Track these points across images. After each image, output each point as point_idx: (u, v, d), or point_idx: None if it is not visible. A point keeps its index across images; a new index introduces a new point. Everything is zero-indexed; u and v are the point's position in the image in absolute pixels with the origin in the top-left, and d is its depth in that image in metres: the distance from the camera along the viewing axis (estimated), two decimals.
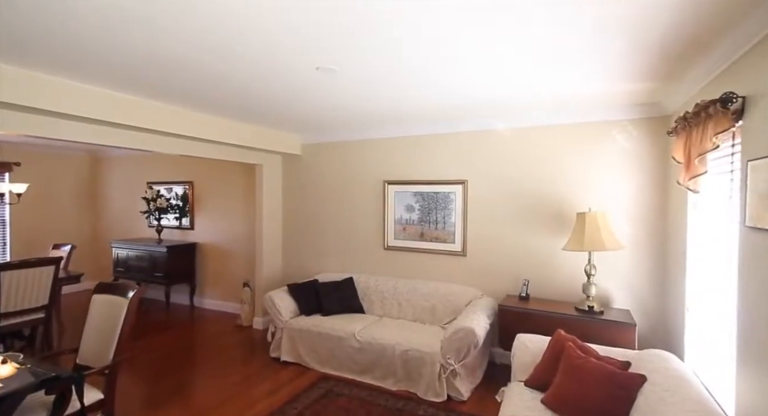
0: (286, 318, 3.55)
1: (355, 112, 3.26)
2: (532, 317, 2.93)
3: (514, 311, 3.01)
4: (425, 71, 2.24)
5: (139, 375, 3.30)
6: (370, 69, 2.21)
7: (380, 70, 2.23)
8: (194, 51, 1.98)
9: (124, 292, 2.32)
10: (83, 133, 2.81)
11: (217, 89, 2.62)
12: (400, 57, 2.03)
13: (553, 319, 2.83)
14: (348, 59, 2.07)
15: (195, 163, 5.38)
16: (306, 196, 4.51)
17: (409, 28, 1.72)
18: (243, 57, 2.04)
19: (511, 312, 3.01)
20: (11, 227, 5.37)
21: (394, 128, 3.88)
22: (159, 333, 4.27)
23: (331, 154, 4.35)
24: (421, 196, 3.88)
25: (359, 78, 2.36)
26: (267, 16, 1.61)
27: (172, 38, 1.82)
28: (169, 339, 4.10)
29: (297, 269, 4.58)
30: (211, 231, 5.28)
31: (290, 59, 2.07)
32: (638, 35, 1.77)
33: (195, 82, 2.45)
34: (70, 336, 4.12)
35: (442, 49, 1.93)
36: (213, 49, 1.94)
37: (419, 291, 3.65)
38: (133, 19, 1.63)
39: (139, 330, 4.32)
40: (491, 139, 3.55)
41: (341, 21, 1.65)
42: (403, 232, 3.98)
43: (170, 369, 3.40)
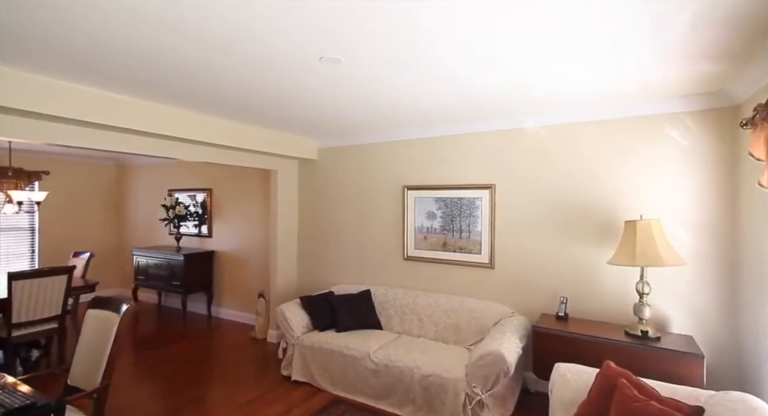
0: (297, 333, 3.31)
1: (371, 113, 3.01)
2: (573, 342, 2.53)
3: (551, 334, 2.62)
4: (447, 64, 1.96)
5: (145, 389, 3.15)
6: (383, 61, 1.95)
7: (395, 64, 1.97)
8: (205, 50, 1.83)
9: (117, 307, 2.15)
10: (105, 141, 2.80)
11: (231, 92, 2.51)
12: (427, 53, 1.76)
13: (599, 346, 2.43)
14: (357, 49, 1.82)
15: (213, 169, 5.32)
16: (322, 202, 4.30)
17: (435, 20, 1.48)
18: (252, 55, 1.86)
19: (547, 335, 2.63)
20: (40, 234, 5.49)
21: (414, 129, 3.60)
22: (172, 343, 4.15)
23: (348, 158, 4.12)
24: (443, 202, 3.56)
25: (371, 74, 2.10)
26: (275, 6, 1.45)
27: (186, 39, 1.68)
28: (181, 350, 3.96)
29: (313, 280, 4.36)
30: (229, 239, 5.17)
31: (299, 54, 1.85)
32: (715, 2, 1.41)
33: (204, 82, 2.32)
34: None
35: (466, 40, 1.64)
36: (224, 48, 1.80)
37: (442, 307, 3.32)
38: (153, 21, 1.57)
39: (153, 341, 4.22)
40: (522, 138, 3.20)
41: (346, 5, 1.41)
42: (424, 242, 3.67)
43: (178, 384, 3.23)
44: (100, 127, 2.67)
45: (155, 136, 2.99)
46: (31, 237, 5.47)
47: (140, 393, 3.11)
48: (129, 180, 6.35)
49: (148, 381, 3.31)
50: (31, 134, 2.48)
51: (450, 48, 1.83)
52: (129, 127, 2.67)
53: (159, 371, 3.49)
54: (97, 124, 2.56)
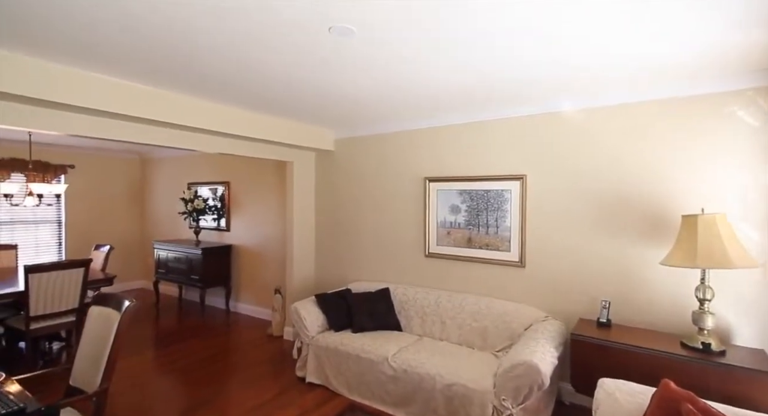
0: (312, 333, 3.14)
1: (389, 98, 2.76)
2: (619, 353, 2.22)
3: (592, 343, 2.32)
4: (469, 41, 1.69)
5: (156, 388, 3.06)
6: (399, 37, 1.70)
7: (411, 38, 1.72)
8: (222, 35, 1.64)
9: (119, 305, 2.02)
10: (125, 132, 2.77)
11: (247, 79, 2.38)
12: (466, 24, 1.50)
13: (651, 359, 2.11)
14: (372, 18, 1.58)
15: (231, 162, 5.23)
16: (339, 196, 4.10)
17: None
18: (262, 37, 1.65)
19: (588, 345, 2.32)
20: (67, 227, 5.59)
21: (437, 116, 3.33)
22: (189, 338, 4.09)
23: (366, 148, 3.89)
24: (468, 194, 3.28)
25: (391, 51, 1.86)
26: None
27: (200, 29, 1.47)
28: (196, 346, 3.88)
29: (330, 276, 4.19)
30: (246, 233, 5.08)
31: (310, 24, 1.63)
32: None
33: (221, 70, 2.20)
34: None
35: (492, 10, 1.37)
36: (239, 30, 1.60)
37: (467, 308, 3.06)
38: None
39: (170, 335, 4.18)
40: (558, 123, 2.87)
41: None
42: (447, 237, 3.40)
43: (190, 383, 3.14)
44: (119, 118, 2.62)
45: (174, 127, 2.93)
46: (59, 230, 5.58)
47: (150, 392, 3.03)
48: (152, 173, 6.39)
49: (161, 378, 3.24)
50: (52, 125, 2.46)
51: (489, 15, 1.56)
52: (148, 118, 2.62)
53: (172, 368, 3.42)
54: (117, 115, 2.51)
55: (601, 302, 2.54)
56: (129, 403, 2.83)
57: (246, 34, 1.79)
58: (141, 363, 3.52)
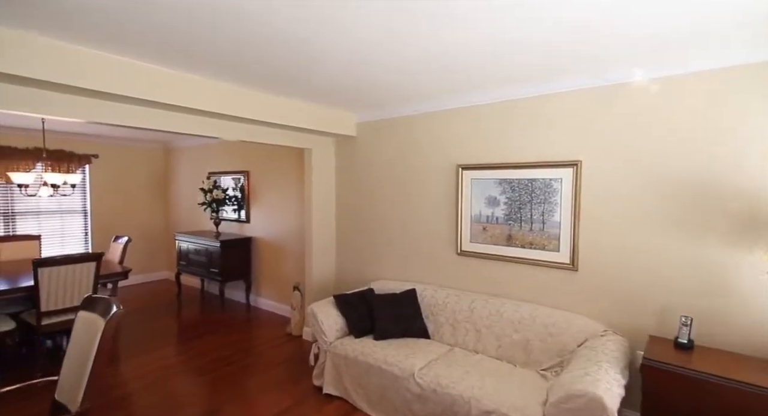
0: (330, 338, 2.83)
1: (426, 70, 2.34)
2: (713, 388, 1.74)
3: (673, 372, 1.85)
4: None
5: (164, 393, 2.87)
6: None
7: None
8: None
9: (106, 311, 1.77)
10: (144, 118, 2.60)
11: (263, 52, 2.06)
12: None
13: (757, 399, 1.63)
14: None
15: (250, 151, 4.99)
16: (362, 186, 3.74)
17: None
18: None
19: (667, 375, 1.86)
20: (92, 217, 5.58)
21: (472, 93, 2.87)
22: (205, 335, 3.91)
23: (391, 133, 3.49)
24: (509, 184, 2.83)
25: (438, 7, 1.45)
26: None
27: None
28: (212, 344, 3.69)
29: (351, 273, 3.86)
30: (266, 225, 4.85)
31: None
32: None
33: (239, 44, 1.89)
34: (126, 337, 3.97)
35: None
36: None
37: (506, 316, 2.64)
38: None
39: (187, 331, 4.02)
40: (623, 97, 2.35)
41: None
42: (482, 233, 2.97)
43: (200, 388, 2.93)
44: (140, 103, 2.44)
45: (193, 112, 2.71)
46: (85, 220, 5.58)
47: (161, 394, 2.83)
48: (175, 162, 6.29)
49: (174, 379, 3.05)
50: (75, 112, 2.32)
51: None
52: (168, 102, 2.42)
53: (188, 367, 3.23)
54: (138, 100, 2.34)
55: (681, 318, 2.04)
56: (138, 407, 2.65)
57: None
58: (157, 360, 3.36)
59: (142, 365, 3.27)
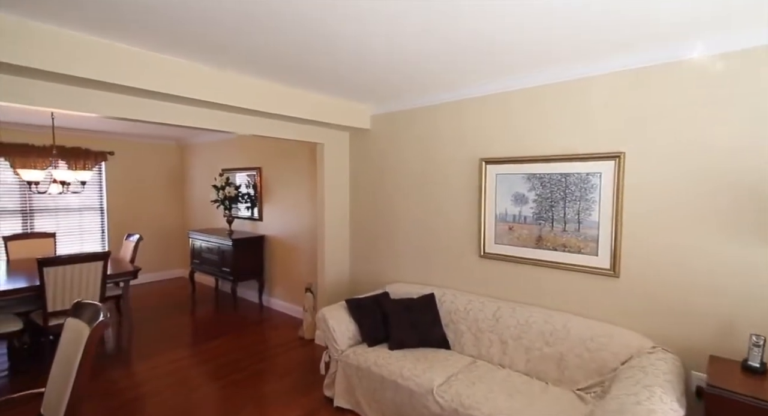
0: (342, 347, 2.63)
1: (451, 56, 2.09)
2: None
3: (744, 402, 1.54)
4: None
5: (176, 397, 2.74)
6: None
7: None
8: None
9: (92, 318, 1.62)
10: (155, 112, 2.49)
11: (274, 39, 1.83)
12: None
13: None
14: None
15: (263, 146, 4.84)
16: (377, 182, 3.51)
17: None
18: None
19: (737, 405, 1.55)
20: (108, 214, 5.57)
21: (496, 78, 2.59)
22: (215, 337, 3.78)
23: (408, 125, 3.25)
24: (538, 180, 2.54)
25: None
26: None
27: None
28: (221, 348, 3.56)
29: (366, 275, 3.65)
30: (278, 223, 4.69)
31: None
32: None
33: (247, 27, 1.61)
34: (137, 338, 3.89)
35: None
36: None
37: (536, 327, 2.37)
38: None
39: (197, 333, 3.91)
40: (677, 77, 2.03)
41: None
42: (509, 234, 2.70)
43: (204, 396, 2.78)
44: (153, 96, 2.33)
45: (206, 105, 2.58)
46: (101, 217, 5.58)
47: (162, 407, 2.70)
48: (189, 159, 6.23)
49: (179, 387, 2.91)
50: (81, 105, 2.19)
51: None
52: (179, 94, 2.29)
53: (194, 374, 3.10)
54: (146, 91, 2.21)
55: (751, 337, 1.73)
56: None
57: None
58: (167, 363, 3.24)
59: (151, 368, 3.16)
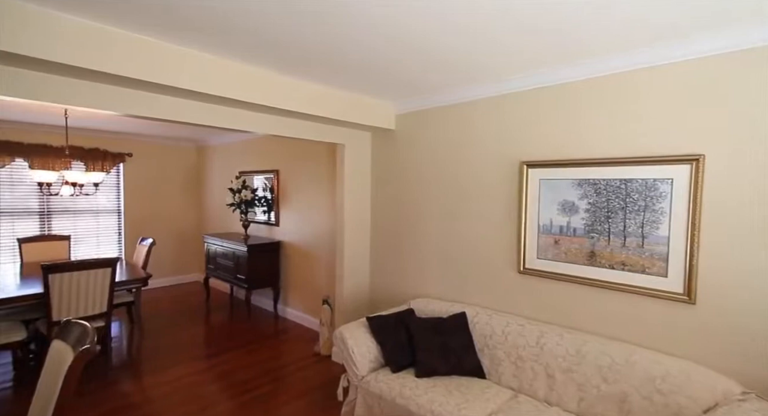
0: (362, 371, 2.34)
1: (473, 45, 1.79)
2: None
3: None
4: None
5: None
6: None
7: None
8: None
9: (79, 340, 1.39)
10: (173, 110, 2.33)
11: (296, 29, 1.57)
12: None
13: None
14: None
15: (280, 148, 4.64)
16: (401, 186, 3.22)
17: None
18: None
19: None
20: (125, 217, 5.48)
21: (544, 70, 2.27)
22: (224, 352, 3.55)
23: (436, 124, 2.95)
24: (592, 186, 2.20)
25: None
26: None
27: None
28: (230, 364, 3.33)
29: (388, 288, 3.36)
30: (296, 228, 4.46)
31: None
32: None
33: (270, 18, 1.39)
34: (147, 348, 3.71)
35: None
36: None
37: (591, 359, 2.01)
38: None
39: (207, 345, 3.70)
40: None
41: None
42: (554, 248, 2.36)
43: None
44: (164, 91, 2.14)
45: (224, 102, 2.39)
46: (118, 219, 5.50)
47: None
48: (207, 161, 6.11)
49: (185, 407, 2.68)
50: (97, 101, 2.05)
51: None
52: (197, 90, 2.09)
53: (203, 393, 2.86)
54: (161, 86, 2.03)
55: None
56: None
57: None
58: (175, 378, 3.03)
59: (160, 384, 2.95)
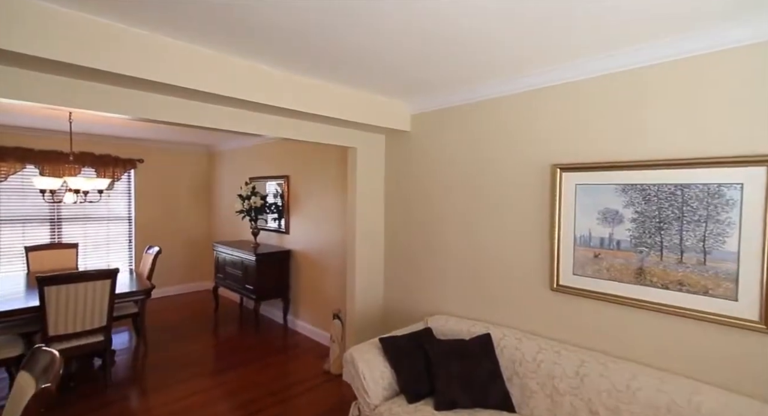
0: (375, 400, 2.09)
1: (503, 31, 1.55)
2: None
3: None
4: None
5: None
6: None
7: None
8: None
9: (44, 373, 1.20)
10: (182, 112, 2.18)
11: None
12: None
13: None
14: None
15: (292, 152, 4.46)
16: (418, 193, 2.97)
17: None
18: None
19: None
20: (135, 224, 5.40)
21: (574, 62, 2.00)
22: (230, 368, 3.35)
23: (455, 125, 2.70)
24: (640, 192, 1.90)
25: None
26: None
27: None
28: (242, 380, 3.12)
29: (403, 303, 3.09)
30: (306, 237, 4.25)
31: None
32: None
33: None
34: (151, 364, 3.54)
35: None
36: None
37: (644, 396, 1.70)
38: None
39: (214, 361, 3.50)
40: None
41: None
42: (594, 263, 2.06)
43: None
44: (171, 92, 2.00)
45: (232, 103, 2.22)
46: (128, 227, 5.42)
47: None
48: (218, 167, 6.00)
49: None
50: (110, 105, 1.94)
51: None
52: (204, 90, 1.93)
53: (205, 413, 2.66)
54: (167, 86, 1.87)
55: None
56: None
57: None
58: (177, 399, 2.83)
59: (158, 405, 2.76)
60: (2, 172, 4.32)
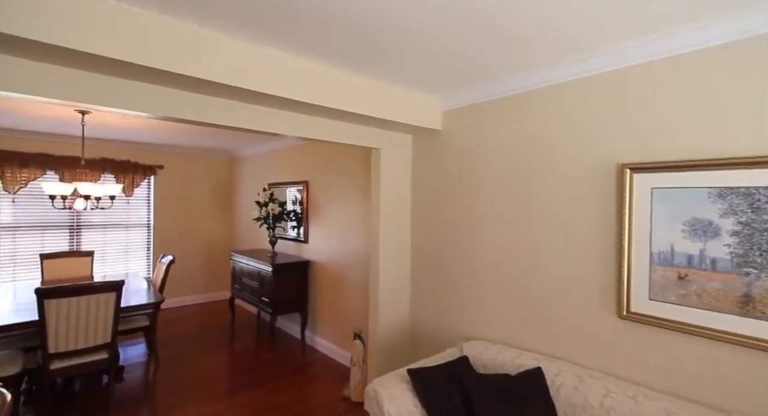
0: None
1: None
2: None
3: None
4: None
5: None
6: None
7: None
8: None
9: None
10: (199, 110, 1.98)
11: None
12: None
13: None
14: None
15: (311, 156, 4.21)
16: (450, 200, 2.62)
17: None
18: None
19: None
20: (154, 231, 5.29)
21: (647, 40, 1.62)
22: (238, 391, 3.05)
23: (495, 121, 2.34)
24: (743, 198, 1.49)
25: None
26: None
27: None
28: (253, 406, 2.83)
29: (432, 324, 2.73)
30: (326, 247, 3.97)
31: None
32: None
33: None
34: (162, 381, 3.32)
35: None
36: None
37: None
38: None
39: (232, 375, 3.23)
40: None
41: None
42: (678, 286, 1.65)
43: None
44: (188, 86, 1.80)
45: (248, 98, 2.00)
46: (148, 234, 5.31)
47: None
48: (238, 173, 5.85)
49: None
50: (133, 103, 1.78)
51: None
52: (223, 82, 1.72)
53: None
54: (186, 77, 1.66)
55: None
56: None
57: None
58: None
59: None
60: (23, 178, 4.28)
